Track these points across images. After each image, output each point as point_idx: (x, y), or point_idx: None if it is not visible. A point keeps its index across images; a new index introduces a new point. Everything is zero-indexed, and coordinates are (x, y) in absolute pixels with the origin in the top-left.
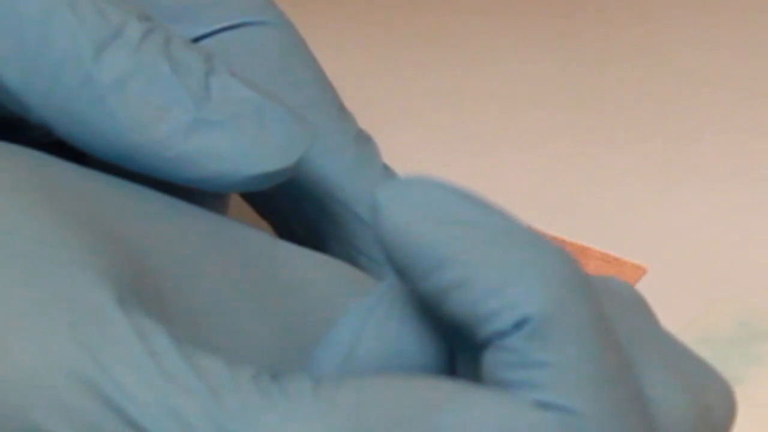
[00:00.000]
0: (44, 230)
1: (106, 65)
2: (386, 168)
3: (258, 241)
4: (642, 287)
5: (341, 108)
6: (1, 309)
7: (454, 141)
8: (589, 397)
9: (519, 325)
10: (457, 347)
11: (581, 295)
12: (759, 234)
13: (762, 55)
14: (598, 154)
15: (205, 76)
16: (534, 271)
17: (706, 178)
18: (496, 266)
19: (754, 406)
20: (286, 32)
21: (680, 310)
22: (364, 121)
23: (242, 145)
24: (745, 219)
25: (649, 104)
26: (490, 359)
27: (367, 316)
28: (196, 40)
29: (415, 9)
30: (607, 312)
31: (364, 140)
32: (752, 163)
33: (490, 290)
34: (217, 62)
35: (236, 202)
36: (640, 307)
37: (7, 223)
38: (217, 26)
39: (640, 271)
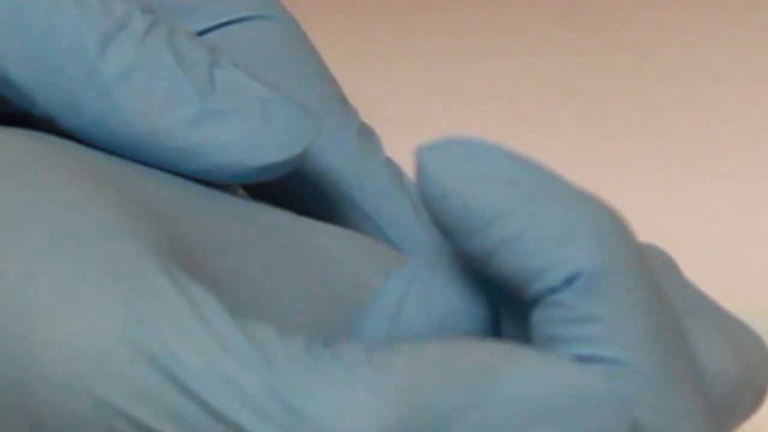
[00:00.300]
0: (87, 205)
1: (111, 58)
2: (389, 161)
3: (284, 220)
4: None
5: (344, 101)
6: (53, 283)
7: None
8: (640, 350)
9: (570, 280)
10: (502, 308)
11: (630, 250)
12: (760, 233)
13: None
14: (599, 153)
15: (209, 68)
16: (583, 226)
17: (707, 178)
18: (545, 222)
19: None
20: (288, 26)
21: None
22: (364, 118)
23: (247, 136)
24: (747, 218)
25: (649, 104)
26: (540, 316)
27: (410, 281)
28: (199, 35)
29: (417, 7)
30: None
31: (366, 133)
32: (754, 162)
33: (540, 246)
34: (220, 54)
35: None
36: (675, 270)
37: (51, 199)
38: (219, 21)
39: None
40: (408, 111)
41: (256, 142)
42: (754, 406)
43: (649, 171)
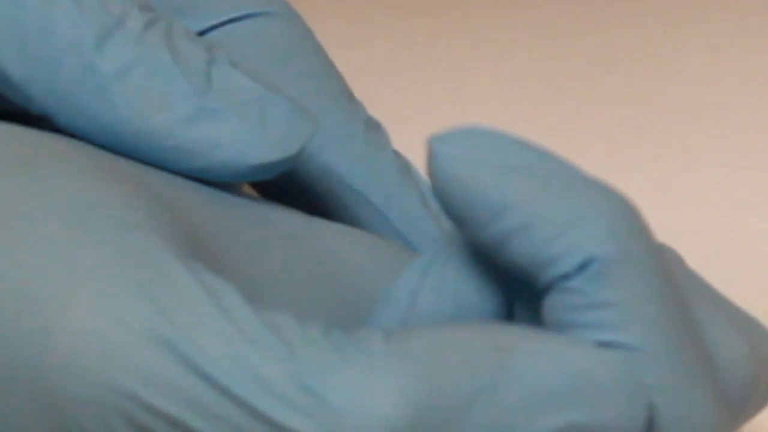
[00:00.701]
0: (102, 196)
1: (108, 55)
2: (397, 154)
3: (293, 219)
4: None
5: (350, 96)
6: (68, 272)
7: None
8: (654, 335)
9: (583, 266)
10: (515, 296)
11: (642, 235)
12: (761, 232)
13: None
14: (599, 152)
15: (207, 66)
16: (595, 212)
17: (708, 177)
18: (557, 210)
19: None
20: (293, 22)
21: None
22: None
23: (244, 135)
24: (747, 218)
25: (651, 103)
26: (553, 303)
27: (424, 273)
28: (203, 32)
29: (420, 7)
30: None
31: (373, 127)
32: (755, 161)
33: (553, 234)
34: (218, 53)
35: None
36: (682, 263)
37: (66, 190)
38: (223, 18)
39: None
40: (410, 114)
41: (253, 141)
42: (765, 400)
43: (648, 170)
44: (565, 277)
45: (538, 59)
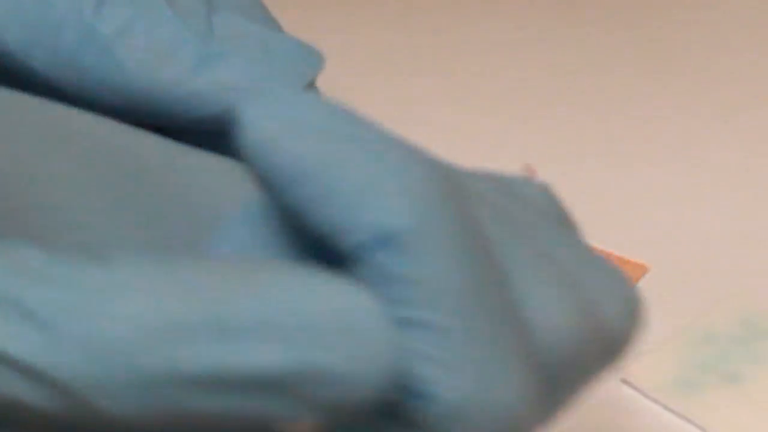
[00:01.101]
0: None
1: (107, 16)
2: None
3: (151, 148)
4: (645, 285)
5: None
6: None
7: (454, 141)
8: (452, 310)
9: (380, 239)
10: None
11: (446, 208)
12: (763, 232)
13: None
14: (601, 152)
15: (207, 15)
16: (397, 183)
17: (710, 176)
18: (357, 180)
19: (756, 404)
20: None
21: (683, 308)
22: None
23: (250, 74)
24: (749, 217)
25: (652, 103)
26: (357, 273)
27: (241, 228)
28: None
29: (417, 9)
30: (499, 220)
31: None
32: (756, 161)
33: (351, 204)
34: (218, 1)
35: None
36: (550, 214)
37: None
38: None
39: (642, 270)
40: (408, 118)
41: (260, 80)
42: (607, 361)
43: (652, 172)
44: (362, 247)
45: (536, 59)
